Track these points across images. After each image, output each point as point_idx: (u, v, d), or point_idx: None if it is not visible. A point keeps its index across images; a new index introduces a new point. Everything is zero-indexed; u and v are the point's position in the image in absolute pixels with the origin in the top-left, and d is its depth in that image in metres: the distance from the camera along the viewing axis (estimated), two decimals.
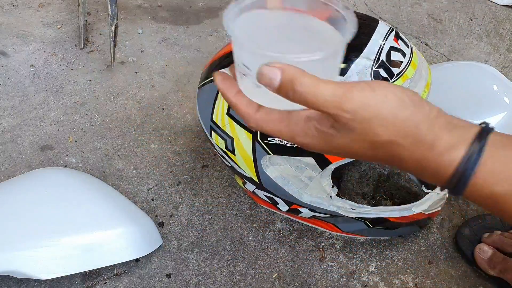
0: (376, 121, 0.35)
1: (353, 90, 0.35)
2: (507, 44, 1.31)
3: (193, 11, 1.36)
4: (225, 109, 0.70)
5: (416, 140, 0.36)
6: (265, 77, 0.36)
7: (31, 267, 0.67)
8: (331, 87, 0.35)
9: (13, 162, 0.90)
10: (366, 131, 0.36)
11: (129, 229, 0.73)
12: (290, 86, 0.35)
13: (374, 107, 0.35)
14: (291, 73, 0.35)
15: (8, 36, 1.20)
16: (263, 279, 0.74)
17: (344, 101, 0.35)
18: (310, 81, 0.35)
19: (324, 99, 0.35)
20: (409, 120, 0.35)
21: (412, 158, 0.37)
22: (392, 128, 0.35)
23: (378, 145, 0.36)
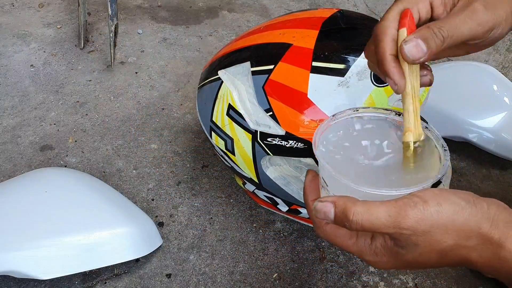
0: (437, 231, 0.36)
1: (407, 207, 0.36)
2: (507, 44, 1.31)
3: (193, 11, 1.36)
4: (224, 110, 0.70)
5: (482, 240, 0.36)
6: (320, 212, 0.38)
7: (31, 267, 0.67)
8: (384, 210, 0.36)
9: (13, 162, 0.90)
10: (430, 242, 0.36)
11: (129, 229, 0.73)
12: (345, 218, 0.37)
13: (430, 219, 0.36)
14: (342, 206, 0.37)
15: (8, 36, 1.20)
16: (263, 279, 0.74)
17: (400, 221, 0.36)
18: (362, 209, 0.36)
19: (381, 222, 0.36)
20: (468, 221, 0.36)
21: (482, 258, 0.37)
22: (454, 233, 0.36)
23: (445, 252, 0.37)
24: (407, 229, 0.36)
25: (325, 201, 0.38)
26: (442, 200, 0.36)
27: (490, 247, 0.36)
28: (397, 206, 0.36)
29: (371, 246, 0.39)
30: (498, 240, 0.36)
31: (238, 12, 1.36)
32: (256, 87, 0.67)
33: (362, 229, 0.37)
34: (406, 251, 0.37)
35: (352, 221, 0.36)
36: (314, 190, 0.43)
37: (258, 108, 0.66)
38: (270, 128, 0.66)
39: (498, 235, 0.36)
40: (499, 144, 0.92)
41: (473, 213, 0.36)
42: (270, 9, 1.39)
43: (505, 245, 0.36)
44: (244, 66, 0.69)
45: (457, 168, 0.93)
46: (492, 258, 0.37)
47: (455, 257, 0.38)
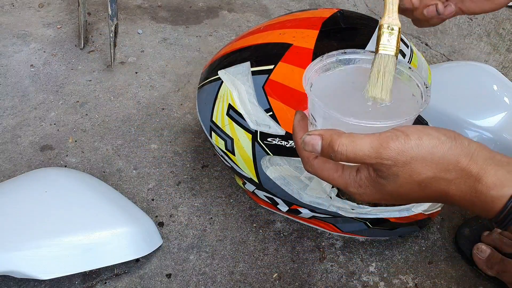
0: (416, 162, 0.38)
1: (388, 139, 0.38)
2: (507, 44, 1.31)
3: (193, 11, 1.36)
4: (224, 110, 0.70)
5: (460, 173, 0.38)
6: (308, 145, 0.40)
7: (31, 267, 0.67)
8: (367, 141, 0.38)
9: (13, 162, 0.90)
10: (410, 173, 0.38)
11: (129, 229, 0.73)
12: (331, 149, 0.39)
13: (410, 151, 0.37)
14: (328, 138, 0.39)
15: (8, 36, 1.20)
16: (263, 279, 0.74)
17: (382, 152, 0.37)
18: (347, 140, 0.38)
19: (363, 153, 0.38)
20: (447, 154, 0.38)
21: (459, 191, 0.39)
22: (433, 165, 0.38)
23: (424, 183, 0.39)
24: (388, 159, 0.38)
25: (312, 134, 0.40)
26: (423, 134, 0.38)
27: (468, 180, 0.38)
28: (380, 139, 0.38)
29: (356, 178, 0.41)
30: (476, 174, 0.38)
31: (238, 12, 1.36)
32: (256, 87, 0.67)
33: (346, 160, 0.39)
34: (387, 181, 0.39)
35: (337, 152, 0.38)
36: (303, 128, 0.45)
37: (258, 108, 0.66)
38: (270, 128, 0.66)
39: (476, 169, 0.38)
40: (499, 144, 0.92)
41: (453, 148, 0.38)
42: (270, 9, 1.39)
43: (482, 179, 0.38)
44: (244, 66, 0.69)
45: None
46: (469, 192, 0.38)
47: (435, 189, 0.39)
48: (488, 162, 0.38)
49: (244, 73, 0.68)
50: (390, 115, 0.41)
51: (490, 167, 0.38)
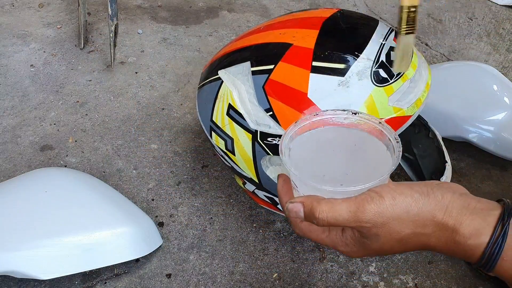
0: (394, 222, 0.39)
1: (364, 202, 0.39)
2: (507, 44, 1.31)
3: (193, 11, 1.36)
4: (224, 110, 0.70)
5: (437, 227, 0.39)
6: (292, 212, 0.42)
7: (31, 267, 0.67)
8: (345, 206, 0.40)
9: (13, 162, 0.90)
10: (389, 232, 0.40)
11: (129, 229, 0.73)
12: (312, 216, 0.40)
13: (386, 211, 0.39)
14: (309, 205, 0.41)
15: (8, 36, 1.20)
16: (263, 279, 0.74)
17: (359, 215, 0.39)
18: (326, 207, 0.40)
19: (343, 218, 0.40)
20: (422, 211, 0.39)
21: (439, 242, 0.40)
22: (410, 223, 0.39)
23: (404, 239, 0.40)
24: (366, 222, 0.39)
25: (295, 201, 0.42)
26: (396, 194, 0.40)
27: (446, 232, 0.40)
28: (357, 202, 0.40)
29: (342, 238, 0.43)
30: (453, 226, 0.39)
31: (238, 12, 1.36)
32: (256, 87, 0.67)
33: (328, 225, 0.41)
34: (370, 241, 0.41)
35: (318, 219, 0.40)
36: (287, 192, 0.46)
37: (258, 108, 0.66)
38: (270, 128, 0.66)
39: (452, 221, 0.39)
40: (499, 144, 0.92)
41: (426, 204, 0.40)
42: (270, 9, 1.39)
43: (459, 230, 0.39)
44: (244, 66, 0.69)
45: (457, 168, 0.93)
46: (448, 242, 0.40)
47: (416, 243, 0.41)
48: (463, 212, 0.39)
49: (244, 73, 0.68)
50: (367, 174, 0.43)
51: (465, 217, 0.39)
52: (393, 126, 0.65)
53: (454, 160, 0.95)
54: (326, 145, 0.47)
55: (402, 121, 0.65)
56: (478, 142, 0.92)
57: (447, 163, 0.78)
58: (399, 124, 0.65)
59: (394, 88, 0.64)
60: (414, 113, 0.66)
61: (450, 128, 0.93)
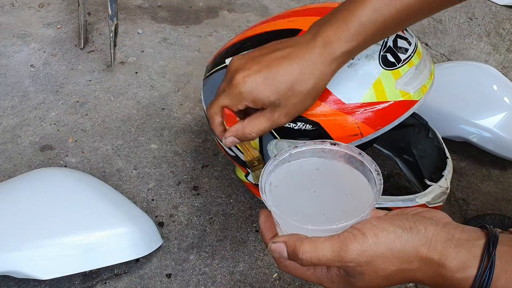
0: (378, 260, 0.39)
1: (347, 241, 0.39)
2: (507, 44, 1.31)
3: (193, 11, 1.36)
4: None
5: (423, 261, 0.39)
6: (275, 252, 0.42)
7: (31, 267, 0.67)
8: (328, 245, 0.39)
9: (13, 162, 0.90)
10: (374, 270, 0.39)
11: (129, 229, 0.73)
12: (296, 257, 0.40)
13: (369, 250, 0.39)
14: (292, 245, 0.40)
15: (8, 36, 1.20)
16: (263, 279, 0.74)
17: (343, 255, 0.39)
18: (309, 247, 0.39)
19: (327, 258, 0.39)
20: (406, 247, 0.39)
21: (426, 276, 0.40)
22: (394, 260, 0.39)
23: (390, 276, 0.40)
24: (350, 261, 0.39)
25: (277, 241, 0.41)
26: (378, 231, 0.39)
27: (431, 267, 0.39)
28: (339, 241, 0.39)
29: (327, 275, 0.42)
30: (438, 260, 0.38)
31: (238, 12, 1.36)
32: None
33: (312, 265, 0.41)
34: (355, 279, 0.40)
35: (302, 259, 0.40)
36: (270, 228, 0.46)
37: None
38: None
39: (437, 256, 0.38)
40: (499, 144, 0.92)
41: (410, 240, 0.39)
42: (270, 9, 1.39)
43: (445, 264, 0.38)
44: None
45: (457, 168, 0.93)
46: (435, 276, 0.39)
47: (403, 278, 0.41)
48: (448, 245, 0.39)
49: None
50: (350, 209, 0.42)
51: (450, 250, 0.38)
52: (400, 109, 0.65)
53: (454, 160, 0.95)
54: (306, 178, 0.47)
55: (409, 105, 0.65)
56: (478, 142, 0.92)
57: (448, 159, 0.78)
58: (406, 107, 0.65)
59: (401, 73, 0.65)
60: (421, 98, 0.67)
61: (450, 128, 0.93)
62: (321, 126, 0.65)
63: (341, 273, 0.41)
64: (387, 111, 0.65)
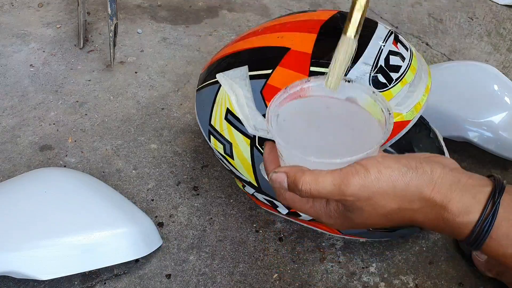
0: (378, 197, 0.38)
1: (349, 175, 0.38)
2: (508, 43, 1.31)
3: (193, 11, 1.36)
4: (223, 114, 0.70)
5: (425, 203, 0.38)
6: (276, 182, 0.41)
7: (31, 267, 0.67)
8: (329, 178, 0.38)
9: (12, 162, 0.89)
10: (374, 207, 0.38)
11: (128, 229, 0.73)
12: (295, 187, 0.39)
13: (371, 186, 0.38)
14: (293, 176, 0.39)
15: (8, 35, 1.20)
16: (263, 279, 0.74)
17: (344, 188, 0.38)
18: (310, 179, 0.38)
19: (327, 190, 0.38)
20: (409, 186, 0.38)
21: (427, 218, 0.39)
22: (396, 198, 0.38)
23: (390, 214, 0.39)
24: (350, 195, 0.38)
25: (278, 171, 0.41)
26: (382, 167, 0.38)
27: (434, 209, 0.38)
28: (341, 175, 0.38)
29: (326, 209, 0.42)
30: (441, 203, 0.37)
31: (238, 12, 1.36)
32: (254, 91, 0.66)
33: (311, 197, 0.40)
34: (354, 215, 0.40)
35: (301, 190, 0.39)
36: (273, 160, 0.45)
37: (256, 113, 0.66)
38: (268, 133, 0.65)
39: (440, 198, 0.37)
40: (500, 144, 0.91)
41: (414, 178, 0.38)
42: (270, 8, 1.39)
43: (447, 207, 0.37)
44: (242, 70, 0.68)
45: None
46: (436, 219, 0.38)
47: (402, 218, 0.40)
48: (453, 188, 0.38)
49: (242, 77, 0.68)
50: (356, 147, 0.41)
51: (454, 193, 0.37)
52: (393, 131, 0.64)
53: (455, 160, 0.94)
54: (315, 115, 0.45)
55: (401, 126, 0.65)
56: (479, 142, 0.92)
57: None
58: (398, 129, 0.64)
59: (393, 93, 0.64)
60: (414, 118, 0.65)
61: (451, 128, 0.93)
62: None
63: (340, 208, 0.41)
64: None
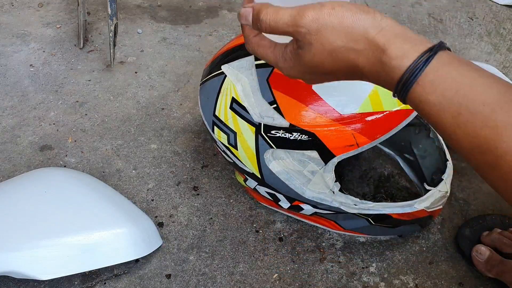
0: (327, 30, 0.40)
1: (305, 9, 0.41)
2: (508, 43, 1.31)
3: (193, 11, 1.36)
4: (228, 104, 0.70)
5: (368, 44, 0.40)
6: (242, 16, 0.44)
7: (31, 268, 0.67)
8: (288, 11, 0.42)
9: (12, 162, 0.89)
10: (322, 41, 0.41)
11: (128, 229, 0.73)
12: (257, 19, 0.43)
13: (322, 18, 0.40)
14: (257, 9, 0.43)
15: (8, 35, 1.20)
16: (263, 279, 0.74)
17: (298, 19, 0.41)
18: (272, 10, 0.42)
19: (283, 21, 0.42)
20: (356, 25, 0.40)
21: (367, 62, 0.41)
22: (342, 34, 0.40)
23: (335, 52, 0.41)
24: (302, 26, 0.41)
25: (247, 6, 0.44)
26: (337, 5, 0.41)
27: (375, 52, 0.40)
28: (299, 9, 0.41)
29: (283, 52, 0.45)
30: (383, 45, 0.39)
31: None
32: (260, 80, 0.67)
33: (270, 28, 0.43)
34: (304, 51, 0.42)
35: (261, 20, 0.42)
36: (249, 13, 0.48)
37: (262, 100, 0.66)
38: (274, 120, 0.66)
39: (383, 41, 0.39)
40: None
41: (362, 19, 0.40)
42: None
43: (387, 51, 0.39)
44: (248, 60, 0.69)
45: (458, 168, 0.93)
46: (375, 63, 0.40)
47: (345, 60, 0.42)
48: (397, 36, 0.39)
49: (247, 67, 0.68)
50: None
51: (397, 40, 0.39)
52: (397, 119, 0.65)
53: (455, 160, 0.94)
54: None
55: (406, 114, 0.65)
56: None
57: (448, 161, 0.78)
58: (404, 116, 0.65)
59: None
60: None
61: None
62: (317, 137, 0.65)
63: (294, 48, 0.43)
64: (384, 121, 0.64)
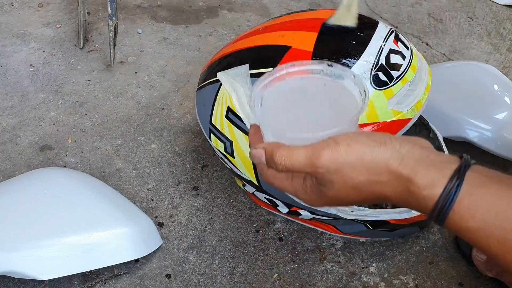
0: (347, 168, 0.40)
1: (320, 149, 0.40)
2: (508, 43, 1.31)
3: (193, 11, 1.36)
4: (223, 113, 0.70)
5: (392, 175, 0.40)
6: (255, 157, 0.43)
7: (31, 267, 0.67)
8: (302, 152, 0.41)
9: (12, 162, 0.89)
10: (343, 179, 0.40)
11: (129, 229, 0.72)
12: (272, 161, 0.42)
13: (340, 157, 0.40)
14: (270, 151, 0.42)
15: (8, 35, 1.20)
16: (263, 279, 0.74)
17: (314, 160, 0.40)
18: (285, 152, 0.41)
19: (299, 163, 0.41)
20: (376, 159, 0.40)
21: (394, 192, 0.40)
22: (364, 170, 0.40)
23: (359, 187, 0.41)
24: (321, 167, 0.40)
25: (258, 147, 0.43)
26: (352, 141, 0.40)
27: (401, 182, 0.40)
28: (313, 148, 0.41)
29: (303, 185, 0.44)
30: (407, 176, 0.39)
31: (238, 12, 1.36)
32: None
33: (286, 170, 0.42)
34: (326, 188, 0.42)
35: (277, 163, 0.42)
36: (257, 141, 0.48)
37: None
38: None
39: (407, 171, 0.39)
40: (500, 144, 0.91)
41: (381, 152, 0.40)
42: (270, 8, 1.39)
43: (413, 180, 0.39)
44: (243, 69, 0.68)
45: None
46: (403, 192, 0.40)
47: (370, 192, 0.41)
48: (420, 163, 0.39)
49: (243, 75, 0.68)
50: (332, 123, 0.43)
51: (421, 167, 0.39)
52: (393, 129, 0.64)
53: None
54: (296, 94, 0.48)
55: (402, 124, 0.65)
56: (479, 142, 0.92)
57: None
58: (399, 127, 0.65)
59: (393, 91, 0.64)
60: (414, 116, 0.65)
61: (451, 128, 0.93)
62: None
63: (314, 183, 0.43)
64: None
